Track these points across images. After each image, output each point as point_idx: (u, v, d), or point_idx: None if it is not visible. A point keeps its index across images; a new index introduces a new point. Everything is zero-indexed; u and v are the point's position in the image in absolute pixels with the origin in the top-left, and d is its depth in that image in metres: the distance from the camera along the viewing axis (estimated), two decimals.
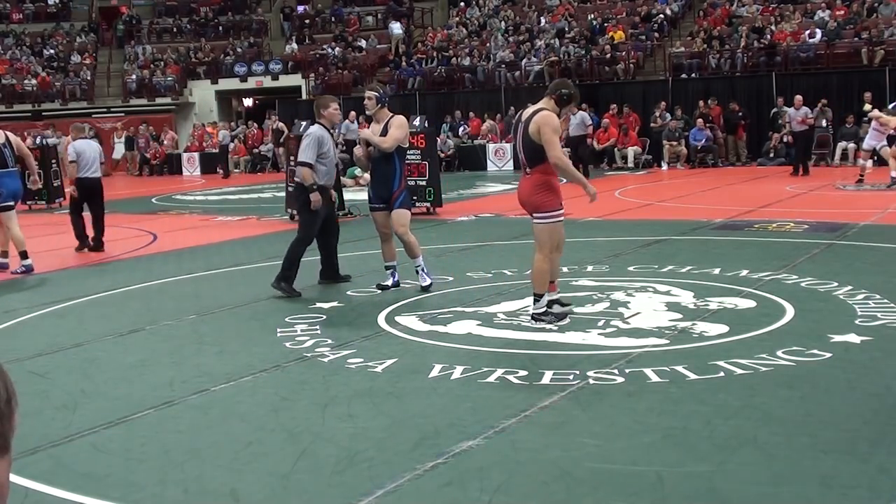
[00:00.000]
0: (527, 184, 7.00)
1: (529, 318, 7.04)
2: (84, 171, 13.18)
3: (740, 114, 23.70)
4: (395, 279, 8.67)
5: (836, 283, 8.01)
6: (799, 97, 21.18)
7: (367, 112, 8.68)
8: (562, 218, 7.02)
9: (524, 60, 28.99)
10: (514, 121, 7.29)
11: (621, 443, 4.45)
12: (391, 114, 8.56)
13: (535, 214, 7.00)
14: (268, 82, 34.03)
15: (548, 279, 7.04)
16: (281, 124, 28.87)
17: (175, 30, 38.35)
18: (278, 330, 7.15)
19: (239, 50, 35.76)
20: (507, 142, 26.82)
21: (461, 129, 27.51)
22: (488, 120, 26.92)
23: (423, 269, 8.56)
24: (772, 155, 23.17)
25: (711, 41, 26.83)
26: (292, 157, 15.24)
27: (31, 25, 39.37)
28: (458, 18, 33.81)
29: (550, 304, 7.11)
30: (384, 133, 8.43)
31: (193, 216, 16.96)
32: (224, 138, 28.94)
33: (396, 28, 33.93)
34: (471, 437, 4.57)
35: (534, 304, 7.07)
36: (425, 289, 8.44)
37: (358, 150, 8.70)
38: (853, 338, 6.22)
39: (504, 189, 20.43)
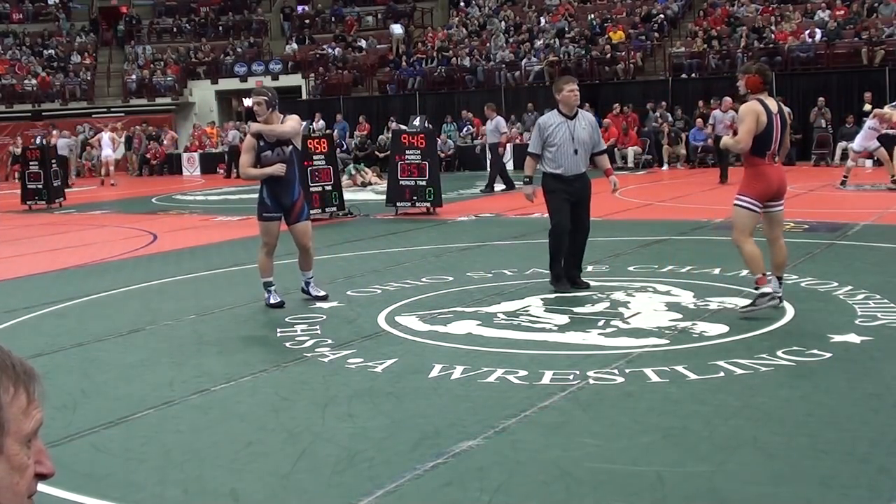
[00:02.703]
0: (782, 172, 7.31)
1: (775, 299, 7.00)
2: None
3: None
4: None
5: (836, 283, 8.01)
6: (728, 99, 20.14)
7: (258, 118, 7.99)
8: None
9: (524, 60, 29.00)
10: (768, 111, 7.08)
11: (621, 443, 4.45)
12: (283, 115, 8.10)
13: (778, 202, 7.32)
14: (268, 82, 33.92)
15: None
16: None
17: (175, 30, 38.34)
18: (278, 330, 7.15)
19: (239, 50, 35.76)
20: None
21: (465, 129, 27.50)
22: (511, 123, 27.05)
23: (313, 284, 8.30)
24: None
25: (711, 41, 26.84)
26: None
27: (31, 25, 39.37)
28: (458, 19, 33.81)
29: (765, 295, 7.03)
30: (280, 137, 7.94)
31: (193, 216, 16.97)
32: (234, 138, 28.93)
33: (397, 28, 33.93)
34: (471, 437, 4.57)
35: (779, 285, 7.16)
36: (320, 298, 8.16)
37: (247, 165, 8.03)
38: (853, 338, 6.22)
39: (504, 189, 20.42)
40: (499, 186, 19.10)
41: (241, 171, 8.30)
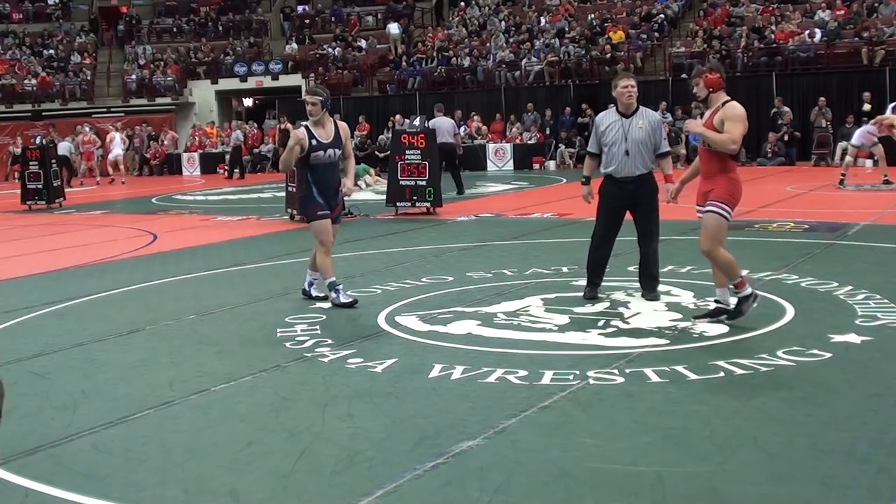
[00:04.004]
0: None
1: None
2: None
3: None
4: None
5: (836, 283, 8.01)
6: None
7: (311, 117, 7.97)
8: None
9: (524, 60, 29.00)
10: None
11: (621, 443, 4.45)
12: (332, 118, 8.13)
13: None
14: (268, 82, 34.04)
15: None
16: (289, 125, 28.93)
17: (175, 30, 38.34)
18: (278, 330, 7.15)
19: (239, 50, 35.76)
20: (506, 141, 26.88)
21: (462, 129, 27.52)
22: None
23: (316, 285, 8.27)
24: (769, 155, 23.18)
25: (711, 41, 26.83)
26: None
27: (31, 25, 39.37)
28: (457, 18, 33.81)
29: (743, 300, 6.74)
30: (336, 137, 7.98)
31: (193, 216, 16.97)
32: (237, 138, 28.90)
33: (394, 28, 33.93)
34: (471, 437, 4.57)
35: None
36: (320, 299, 8.14)
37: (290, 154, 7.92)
38: (853, 338, 6.22)
39: (504, 189, 20.45)
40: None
41: (283, 165, 8.22)
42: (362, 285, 8.90)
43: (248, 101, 37.76)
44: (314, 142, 7.90)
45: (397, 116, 27.59)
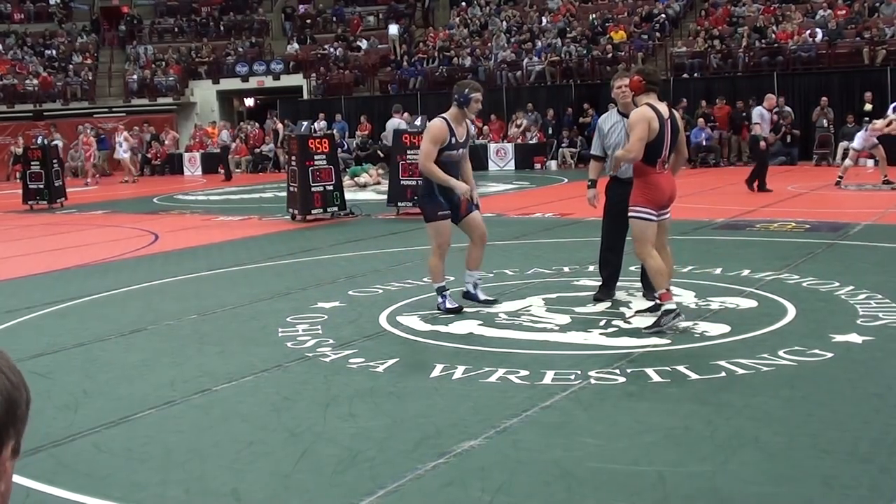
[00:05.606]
0: (673, 180, 6.86)
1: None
2: None
3: (744, 113, 23.69)
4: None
5: (837, 283, 8.00)
6: (771, 96, 18.27)
7: (472, 114, 7.74)
8: None
9: (525, 60, 29.01)
10: (659, 116, 6.70)
11: (623, 443, 4.45)
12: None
13: (667, 210, 6.84)
14: (269, 82, 34.04)
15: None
16: (280, 125, 28.96)
17: (176, 30, 38.35)
18: (280, 330, 7.15)
19: (240, 50, 35.77)
20: (508, 140, 26.89)
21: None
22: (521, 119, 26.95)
23: (481, 286, 7.83)
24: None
25: (713, 41, 26.84)
26: (293, 158, 15.28)
27: (33, 25, 39.39)
28: (458, 18, 33.81)
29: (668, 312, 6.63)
30: (467, 138, 7.77)
31: (195, 216, 16.97)
32: (224, 139, 28.90)
33: (393, 28, 33.95)
34: (472, 437, 4.57)
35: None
36: (490, 303, 7.71)
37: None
38: (855, 338, 6.22)
39: (505, 189, 20.44)
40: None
41: (425, 162, 7.47)
42: (364, 285, 8.90)
43: (249, 101, 37.77)
44: (453, 140, 7.59)
45: (405, 115, 27.56)
